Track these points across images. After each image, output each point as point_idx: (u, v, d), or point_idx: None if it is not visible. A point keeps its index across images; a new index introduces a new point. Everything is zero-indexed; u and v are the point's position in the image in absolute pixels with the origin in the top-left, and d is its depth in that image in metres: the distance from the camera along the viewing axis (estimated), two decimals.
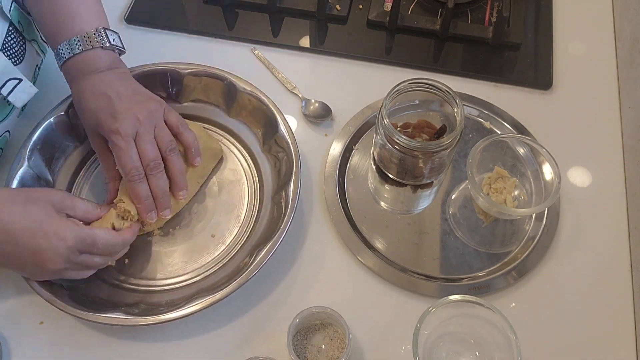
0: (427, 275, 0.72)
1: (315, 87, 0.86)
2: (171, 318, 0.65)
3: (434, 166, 0.72)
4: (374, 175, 0.78)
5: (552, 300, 0.71)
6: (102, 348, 0.69)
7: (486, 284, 0.70)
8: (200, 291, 0.68)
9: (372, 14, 0.91)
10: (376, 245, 0.74)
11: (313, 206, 0.77)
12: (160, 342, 0.69)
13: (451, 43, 0.90)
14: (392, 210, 0.77)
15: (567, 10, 0.94)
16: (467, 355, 0.66)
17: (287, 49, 0.90)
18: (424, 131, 0.76)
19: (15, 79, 0.71)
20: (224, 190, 0.78)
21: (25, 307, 0.71)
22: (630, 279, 0.72)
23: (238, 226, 0.75)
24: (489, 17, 0.92)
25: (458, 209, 0.77)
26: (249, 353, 0.67)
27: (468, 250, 0.74)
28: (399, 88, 0.69)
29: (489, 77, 0.87)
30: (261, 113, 0.78)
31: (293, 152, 0.74)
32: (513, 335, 0.61)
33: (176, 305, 0.66)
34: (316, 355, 0.66)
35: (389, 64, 0.89)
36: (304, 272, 0.73)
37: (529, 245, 0.73)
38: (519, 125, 0.81)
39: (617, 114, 0.84)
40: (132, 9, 0.93)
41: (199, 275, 0.72)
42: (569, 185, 0.78)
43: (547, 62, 0.88)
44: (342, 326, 0.64)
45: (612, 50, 0.89)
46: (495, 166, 0.76)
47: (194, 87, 0.81)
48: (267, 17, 0.93)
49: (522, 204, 0.75)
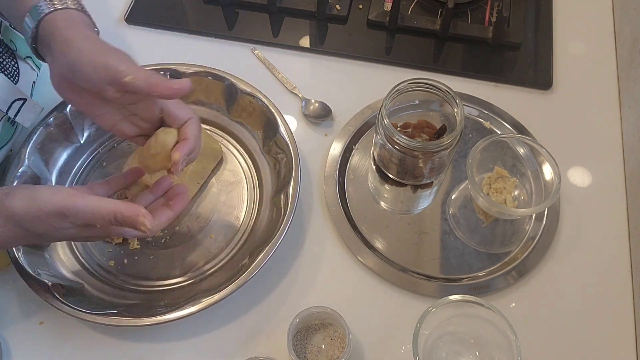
0: (427, 275, 0.72)
1: (315, 87, 0.86)
2: (171, 318, 0.65)
3: (434, 166, 0.72)
4: (374, 175, 0.78)
5: (552, 300, 0.71)
6: (102, 348, 0.69)
7: (486, 284, 0.70)
8: (200, 292, 0.68)
9: (372, 14, 0.91)
10: (376, 245, 0.74)
11: (313, 206, 0.77)
12: (160, 342, 0.69)
13: (451, 43, 0.90)
14: (392, 210, 0.77)
15: (567, 10, 0.94)
16: (467, 355, 0.66)
17: (287, 49, 0.90)
18: (424, 131, 0.76)
19: (20, 99, 0.71)
20: (223, 191, 0.78)
21: (25, 307, 0.71)
22: (630, 279, 0.72)
23: (237, 227, 0.75)
24: (489, 17, 0.92)
25: (458, 209, 0.77)
26: (249, 353, 0.67)
27: (468, 250, 0.74)
28: (399, 88, 0.69)
29: (489, 77, 0.87)
30: (261, 114, 0.78)
31: (293, 154, 0.74)
32: (513, 335, 0.61)
33: (175, 305, 0.66)
34: (316, 355, 0.66)
35: (389, 64, 0.89)
36: (304, 272, 0.73)
37: (529, 245, 0.73)
38: (519, 125, 0.81)
39: (617, 114, 0.84)
40: (132, 9, 0.93)
41: (198, 276, 0.72)
42: (569, 185, 0.78)
43: (547, 62, 0.88)
44: (342, 326, 0.64)
45: (612, 50, 0.89)
46: (495, 166, 0.76)
47: (195, 88, 0.81)
48: (267, 17, 0.93)
49: (522, 204, 0.75)
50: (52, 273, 0.70)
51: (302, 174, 0.74)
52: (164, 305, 0.67)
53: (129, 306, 0.68)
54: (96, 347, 0.69)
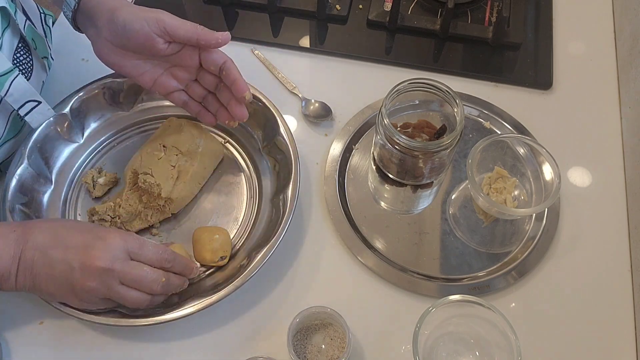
0: (427, 275, 0.72)
1: (315, 87, 0.86)
2: (170, 319, 0.65)
3: (434, 166, 0.72)
4: (374, 175, 0.78)
5: (552, 300, 0.71)
6: (102, 348, 0.69)
7: (486, 284, 0.70)
8: (198, 292, 0.68)
9: (372, 13, 0.91)
10: (376, 245, 0.74)
11: (313, 206, 0.77)
12: (159, 342, 0.69)
13: (451, 43, 0.90)
14: (392, 210, 0.77)
15: (567, 10, 0.94)
16: (467, 355, 0.66)
17: (287, 49, 0.90)
18: (424, 131, 0.76)
19: (34, 101, 0.72)
20: (223, 191, 0.78)
21: (25, 307, 0.71)
22: (630, 279, 0.72)
23: (236, 228, 0.75)
24: (489, 17, 0.92)
25: (458, 209, 0.77)
26: (249, 353, 0.66)
27: (468, 250, 0.74)
28: (399, 88, 0.69)
29: (489, 77, 0.87)
30: (262, 115, 0.78)
31: (292, 156, 0.74)
32: (513, 335, 0.61)
33: (174, 306, 0.66)
34: (316, 355, 0.66)
35: (389, 64, 0.89)
36: (304, 272, 0.73)
37: (529, 245, 0.73)
38: (519, 125, 0.81)
39: (617, 114, 0.84)
40: None
41: (197, 276, 0.72)
42: (569, 185, 0.78)
43: (547, 62, 0.88)
44: (342, 326, 0.64)
45: (612, 50, 0.89)
46: (495, 166, 0.76)
47: None
48: (267, 17, 0.93)
49: (522, 204, 0.75)
50: None
51: (302, 174, 0.74)
52: (161, 306, 0.67)
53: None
54: (96, 347, 0.69)
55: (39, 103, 0.73)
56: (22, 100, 0.71)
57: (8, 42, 0.72)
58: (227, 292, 0.66)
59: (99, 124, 0.81)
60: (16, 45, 0.74)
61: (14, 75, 0.69)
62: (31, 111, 0.73)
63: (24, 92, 0.71)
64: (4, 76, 0.68)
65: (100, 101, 0.80)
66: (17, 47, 0.74)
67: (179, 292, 0.68)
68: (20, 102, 0.71)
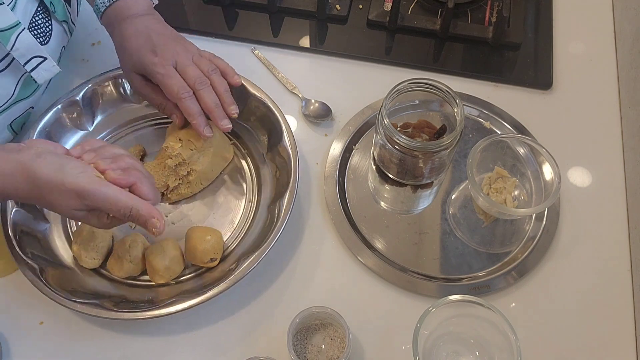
0: (427, 275, 0.72)
1: (315, 87, 0.86)
2: (159, 314, 0.65)
3: (434, 166, 0.72)
4: (374, 175, 0.78)
5: (552, 300, 0.71)
6: (101, 348, 0.69)
7: (486, 284, 0.70)
8: (185, 292, 0.68)
9: (372, 14, 0.91)
10: (376, 245, 0.74)
11: (313, 206, 0.77)
12: (159, 336, 0.69)
13: (451, 43, 0.90)
14: (392, 210, 0.77)
15: (567, 10, 0.94)
16: (467, 355, 0.66)
17: (287, 49, 0.90)
18: (424, 131, 0.76)
19: (39, 57, 0.73)
20: (222, 193, 0.78)
21: (25, 307, 0.71)
22: (630, 279, 0.72)
23: (231, 230, 0.75)
24: (489, 17, 0.92)
25: (458, 209, 0.77)
26: (249, 352, 0.67)
27: (468, 250, 0.74)
28: (399, 88, 0.69)
29: (489, 77, 0.87)
30: (268, 120, 0.78)
31: (292, 165, 0.73)
32: (513, 335, 0.61)
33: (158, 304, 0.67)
34: (316, 355, 0.66)
35: (389, 64, 0.89)
36: (304, 271, 0.73)
37: (529, 245, 0.73)
38: (519, 125, 0.81)
39: (617, 114, 0.84)
40: None
41: (188, 275, 0.72)
42: (569, 185, 0.78)
43: (547, 62, 0.88)
44: (342, 326, 0.64)
45: (612, 50, 0.89)
46: (495, 166, 0.76)
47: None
48: (267, 17, 0.93)
49: (522, 204, 0.75)
50: (46, 258, 0.70)
51: (302, 174, 0.74)
52: (145, 302, 0.68)
53: (122, 298, 0.69)
54: (96, 347, 0.69)
55: (44, 59, 0.73)
56: (28, 56, 0.72)
57: (23, 6, 0.72)
58: (211, 296, 0.66)
59: (109, 114, 0.81)
60: (35, 9, 0.74)
61: (19, 29, 0.69)
62: (37, 67, 0.73)
63: (29, 47, 0.71)
64: (10, 30, 0.68)
65: (113, 92, 0.81)
66: (35, 11, 0.74)
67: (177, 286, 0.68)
68: (26, 57, 0.71)
